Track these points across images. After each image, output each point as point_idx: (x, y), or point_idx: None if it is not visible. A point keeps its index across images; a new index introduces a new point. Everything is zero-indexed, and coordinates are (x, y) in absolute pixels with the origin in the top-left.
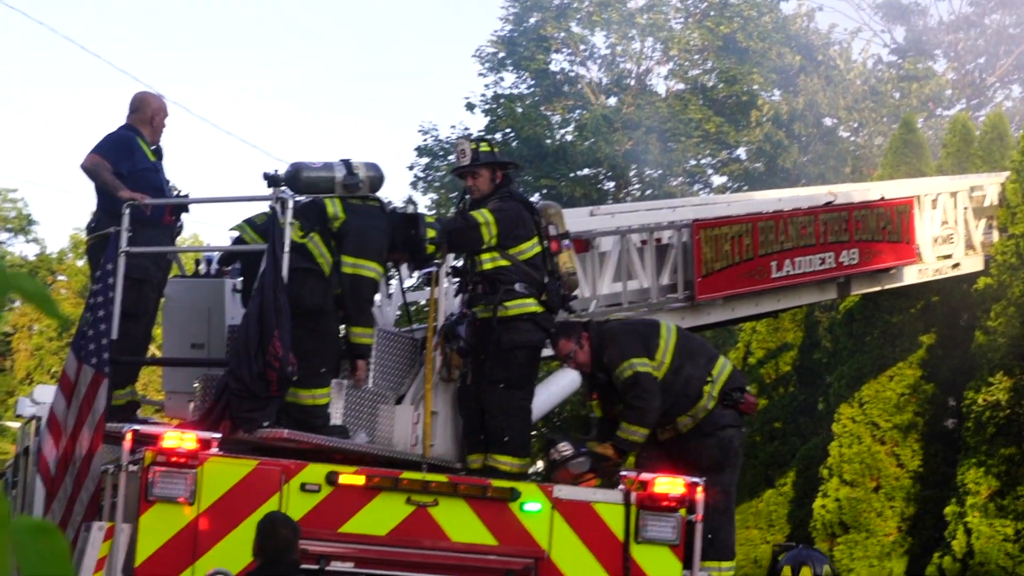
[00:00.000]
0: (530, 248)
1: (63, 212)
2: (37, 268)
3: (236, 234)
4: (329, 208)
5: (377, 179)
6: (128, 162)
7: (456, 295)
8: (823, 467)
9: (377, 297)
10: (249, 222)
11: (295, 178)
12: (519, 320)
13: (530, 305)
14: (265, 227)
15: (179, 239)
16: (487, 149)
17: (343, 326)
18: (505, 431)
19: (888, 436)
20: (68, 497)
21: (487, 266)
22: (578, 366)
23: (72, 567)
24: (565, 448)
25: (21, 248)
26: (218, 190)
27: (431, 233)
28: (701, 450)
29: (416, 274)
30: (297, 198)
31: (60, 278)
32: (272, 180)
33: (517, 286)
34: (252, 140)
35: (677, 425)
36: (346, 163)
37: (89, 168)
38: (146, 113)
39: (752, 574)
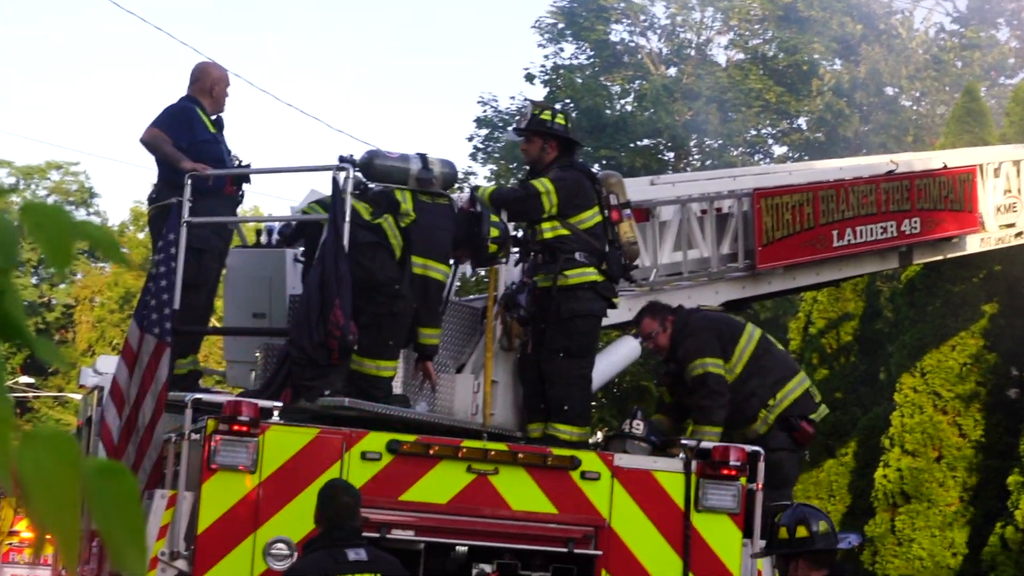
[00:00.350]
0: (590, 217)
1: (124, 185)
2: None
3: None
4: (401, 204)
5: (450, 176)
6: (187, 134)
7: (516, 264)
8: (884, 437)
9: None
10: (321, 203)
11: (369, 165)
12: (579, 289)
13: (590, 274)
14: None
15: (240, 210)
16: (546, 117)
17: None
18: (565, 400)
19: (950, 406)
20: (131, 466)
21: (547, 235)
22: (656, 348)
23: (142, 507)
24: (639, 427)
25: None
26: (278, 162)
27: (494, 233)
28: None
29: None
30: (373, 187)
31: (122, 250)
32: (347, 163)
33: (577, 255)
34: (311, 112)
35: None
36: (422, 157)
37: (149, 142)
38: (206, 83)
39: None
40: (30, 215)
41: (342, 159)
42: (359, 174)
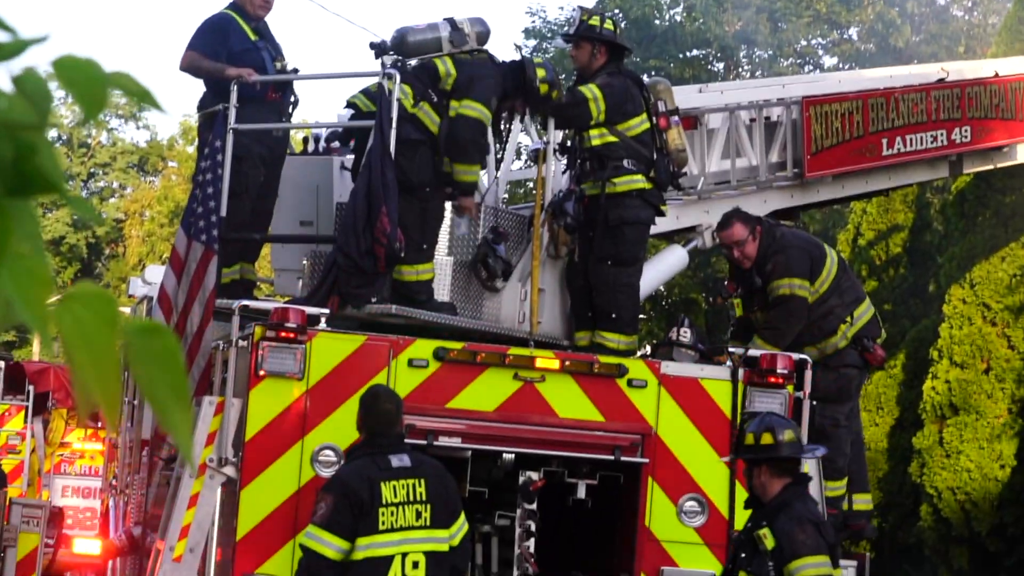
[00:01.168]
0: (638, 124)
1: (174, 98)
2: (148, 154)
3: (347, 112)
4: (440, 68)
5: (484, 33)
6: (223, 47)
7: (564, 172)
8: (933, 349)
9: (484, 176)
10: (365, 92)
11: (402, 43)
12: (627, 196)
13: (638, 181)
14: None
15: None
16: (594, 23)
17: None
18: (612, 308)
19: (999, 317)
20: None
21: (595, 142)
22: (740, 257)
23: (184, 365)
24: (686, 335)
25: (132, 135)
26: (324, 71)
27: (541, 73)
28: (817, 380)
29: (527, 121)
30: (410, 62)
31: (171, 164)
32: (379, 49)
33: (625, 162)
34: (359, 22)
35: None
36: (450, 20)
37: (187, 67)
38: None
39: None
40: (63, 68)
41: (372, 45)
42: (394, 56)
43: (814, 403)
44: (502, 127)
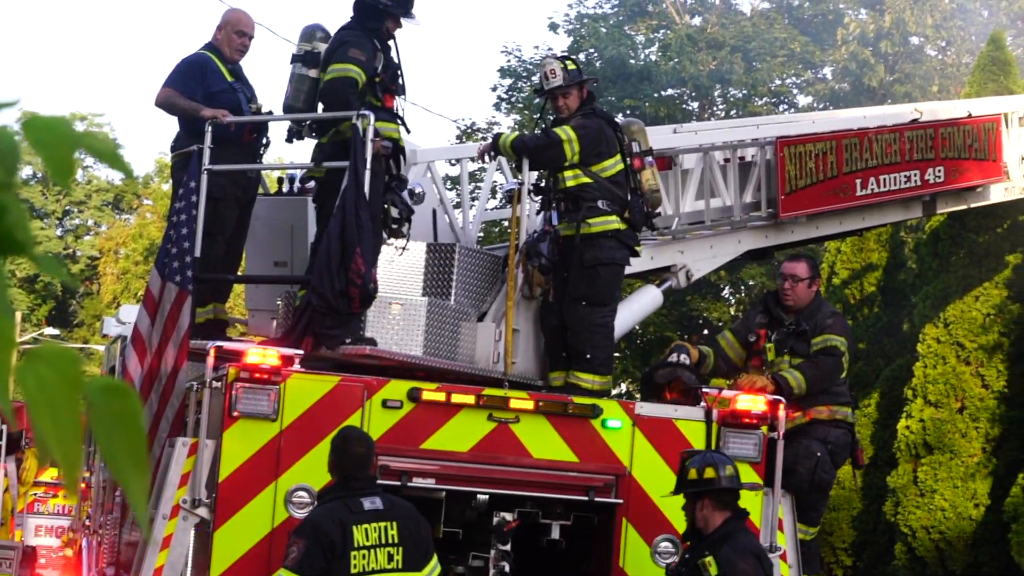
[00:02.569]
0: (613, 165)
1: (149, 136)
2: (123, 192)
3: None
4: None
5: (323, 36)
6: (200, 86)
7: (538, 213)
8: (907, 388)
9: (459, 217)
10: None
11: (298, 110)
12: (602, 237)
13: (613, 222)
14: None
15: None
16: (574, 68)
17: None
18: (587, 348)
19: (973, 357)
20: (153, 414)
21: (570, 183)
22: (790, 290)
23: (144, 426)
24: (685, 358)
25: (107, 173)
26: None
27: None
28: (830, 430)
29: None
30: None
31: (146, 202)
32: (295, 135)
33: (600, 203)
34: None
35: (810, 411)
36: (294, 58)
37: (163, 104)
38: (226, 30)
39: (834, 494)
40: (32, 129)
41: (288, 140)
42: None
43: (818, 455)
44: (392, 54)
